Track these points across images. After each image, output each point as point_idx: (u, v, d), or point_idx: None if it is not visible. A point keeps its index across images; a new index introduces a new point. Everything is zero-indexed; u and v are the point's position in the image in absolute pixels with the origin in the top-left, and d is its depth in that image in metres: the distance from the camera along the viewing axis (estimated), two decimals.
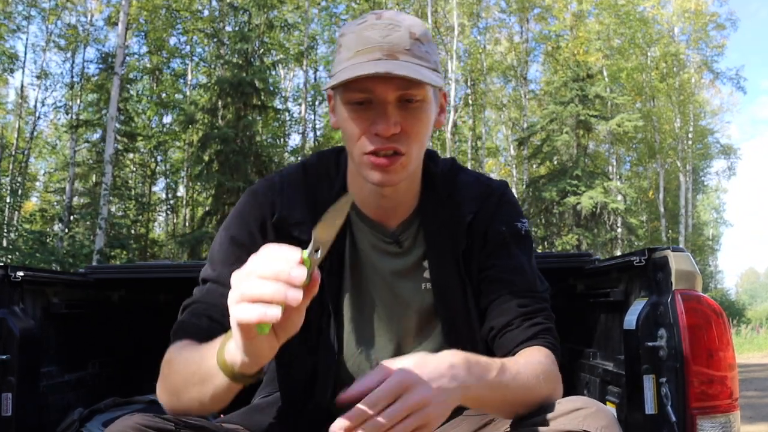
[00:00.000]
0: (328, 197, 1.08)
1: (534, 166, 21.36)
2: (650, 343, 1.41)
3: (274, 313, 0.68)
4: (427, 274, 1.12)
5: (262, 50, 14.63)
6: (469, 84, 21.45)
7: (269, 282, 0.69)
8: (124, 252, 13.04)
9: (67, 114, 17.27)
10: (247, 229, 1.07)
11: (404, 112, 0.99)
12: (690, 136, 22.96)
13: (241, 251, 1.04)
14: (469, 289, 1.11)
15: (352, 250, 1.11)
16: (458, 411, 1.19)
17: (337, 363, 1.10)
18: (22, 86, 18.08)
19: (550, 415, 0.90)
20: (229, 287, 1.02)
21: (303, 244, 1.06)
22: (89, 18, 17.67)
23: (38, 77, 17.42)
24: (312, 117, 20.66)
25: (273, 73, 14.25)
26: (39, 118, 17.79)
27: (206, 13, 18.19)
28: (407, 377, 0.77)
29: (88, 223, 14.17)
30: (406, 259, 1.11)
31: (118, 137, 14.86)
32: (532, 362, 0.96)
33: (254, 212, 1.08)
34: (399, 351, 1.10)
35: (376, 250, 1.11)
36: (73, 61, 17.63)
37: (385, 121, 0.97)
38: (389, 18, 1.01)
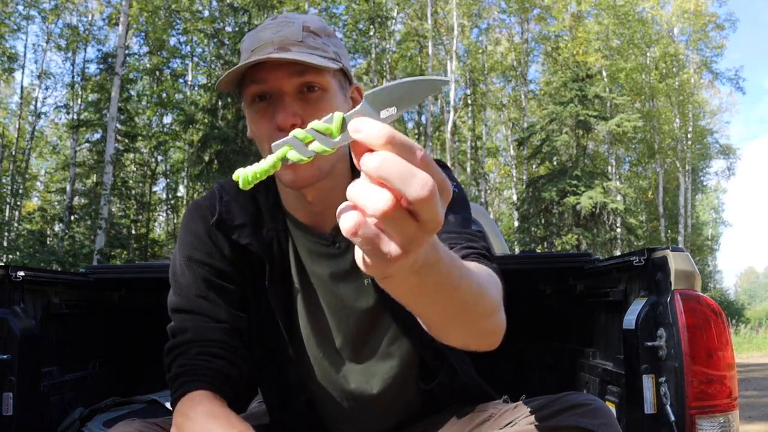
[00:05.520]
0: (265, 203, 1.07)
1: (533, 166, 21.35)
2: (649, 343, 1.41)
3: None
4: None
5: None
6: (468, 84, 21.46)
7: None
8: (125, 252, 13.04)
9: (68, 114, 17.30)
10: (200, 243, 1.05)
11: (305, 103, 0.95)
12: (689, 136, 22.95)
13: (202, 269, 1.04)
14: None
15: (297, 260, 1.09)
16: (450, 407, 1.18)
17: (306, 376, 1.11)
18: (22, 86, 18.12)
19: (548, 412, 0.90)
20: (206, 315, 1.02)
21: (242, 248, 1.05)
22: (90, 18, 17.71)
23: (39, 77, 17.46)
24: None
25: None
26: (40, 117, 17.83)
27: (206, 13, 18.19)
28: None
29: (88, 223, 14.17)
30: (345, 259, 1.07)
31: (119, 137, 14.87)
32: (483, 270, 0.78)
33: (200, 223, 1.06)
34: (358, 349, 1.10)
35: (314, 255, 1.07)
36: (74, 61, 17.68)
37: (283, 110, 0.94)
38: (284, 17, 0.99)
